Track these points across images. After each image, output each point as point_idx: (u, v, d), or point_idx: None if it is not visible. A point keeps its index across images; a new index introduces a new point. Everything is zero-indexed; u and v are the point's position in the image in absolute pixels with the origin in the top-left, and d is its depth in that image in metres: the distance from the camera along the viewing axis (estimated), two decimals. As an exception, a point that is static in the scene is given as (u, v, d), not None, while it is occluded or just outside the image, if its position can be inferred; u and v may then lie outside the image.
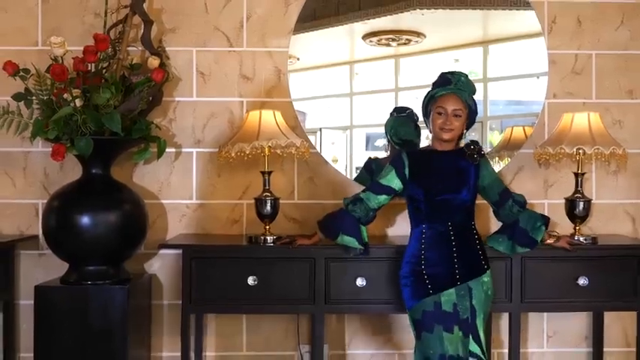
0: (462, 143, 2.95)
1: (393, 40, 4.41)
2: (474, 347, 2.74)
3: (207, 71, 3.56)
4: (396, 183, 2.87)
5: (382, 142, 4.24)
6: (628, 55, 3.64)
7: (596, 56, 3.65)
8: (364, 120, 4.38)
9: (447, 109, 2.81)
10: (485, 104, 4.13)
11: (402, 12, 4.26)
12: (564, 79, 3.64)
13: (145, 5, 3.38)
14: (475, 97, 2.93)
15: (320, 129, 4.04)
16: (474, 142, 2.90)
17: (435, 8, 4.15)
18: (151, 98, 3.30)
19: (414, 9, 4.22)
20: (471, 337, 2.75)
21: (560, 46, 3.64)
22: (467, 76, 2.89)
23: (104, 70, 3.28)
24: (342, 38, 4.18)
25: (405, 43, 4.42)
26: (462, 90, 2.83)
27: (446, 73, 2.91)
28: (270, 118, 3.16)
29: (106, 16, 3.40)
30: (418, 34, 4.43)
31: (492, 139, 3.94)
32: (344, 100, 4.30)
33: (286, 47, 3.59)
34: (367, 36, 4.33)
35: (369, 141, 4.50)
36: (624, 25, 3.64)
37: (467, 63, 4.32)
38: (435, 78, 2.98)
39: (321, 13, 3.81)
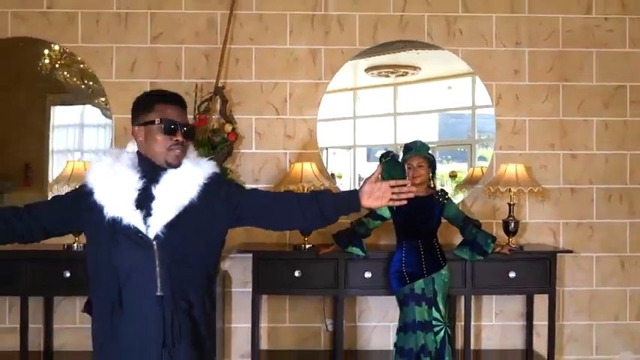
0: (435, 184, 4.58)
1: (392, 72, 5.52)
2: (435, 314, 4.34)
3: (262, 132, 5.20)
4: (387, 214, 4.49)
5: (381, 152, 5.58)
6: (550, 121, 5.26)
7: (529, 121, 5.27)
8: (366, 140, 5.53)
9: (413, 164, 4.41)
10: (473, 128, 5.41)
11: (399, 52, 5.42)
12: (507, 137, 5.27)
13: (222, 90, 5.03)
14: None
15: (327, 148, 5.33)
16: (442, 190, 4.53)
17: (429, 49, 5.33)
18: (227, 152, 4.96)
19: (410, 50, 5.41)
20: (433, 308, 4.34)
21: (503, 114, 5.27)
22: (422, 142, 4.46)
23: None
24: (347, 71, 5.31)
25: (402, 75, 5.53)
26: (420, 150, 4.43)
27: (408, 143, 4.46)
28: (308, 168, 4.79)
29: (195, 96, 5.01)
30: (414, 67, 5.52)
31: (485, 153, 5.37)
32: (348, 123, 5.46)
33: (315, 115, 5.21)
34: (369, 69, 5.45)
35: (370, 153, 5.68)
36: (548, 100, 5.27)
37: (458, 90, 5.49)
38: (430, 98, 4.90)
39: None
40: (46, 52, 5.31)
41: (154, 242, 2.27)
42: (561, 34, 5.28)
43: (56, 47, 5.27)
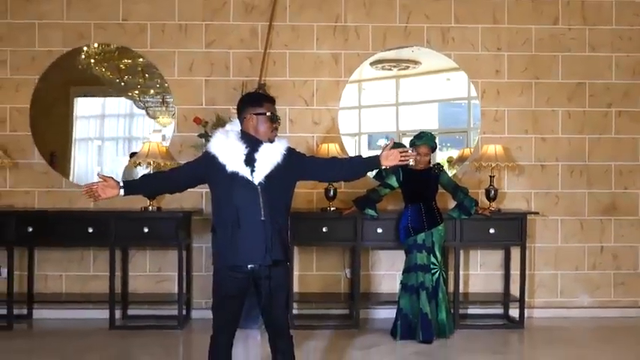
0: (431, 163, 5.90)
1: (395, 66, 6.59)
2: (432, 259, 5.64)
3: (295, 119, 6.48)
4: (394, 183, 5.79)
5: (383, 142, 6.54)
6: (525, 111, 6.55)
7: (507, 111, 6.55)
8: (370, 128, 6.58)
9: (421, 152, 5.70)
10: (469, 117, 6.54)
11: (402, 48, 6.55)
12: (490, 123, 6.55)
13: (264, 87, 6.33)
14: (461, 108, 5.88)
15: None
16: (437, 164, 5.84)
17: (429, 48, 6.48)
18: (267, 135, 6.23)
19: (412, 46, 6.54)
20: (431, 255, 5.64)
21: (487, 105, 6.55)
22: (432, 133, 5.77)
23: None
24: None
25: (404, 69, 6.63)
26: (429, 141, 5.72)
27: (420, 132, 5.75)
28: (333, 148, 6.09)
29: (242, 91, 6.24)
30: (415, 62, 6.60)
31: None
32: (353, 112, 6.52)
33: (337, 106, 6.49)
34: (373, 63, 6.51)
35: (371, 140, 6.75)
36: (523, 94, 6.56)
37: (456, 82, 6.53)
38: (430, 89, 6.07)
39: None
40: (85, 48, 6.46)
41: (258, 187, 3.57)
42: (534, 41, 6.56)
43: (95, 45, 6.45)
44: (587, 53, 6.57)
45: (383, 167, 3.87)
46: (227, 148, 3.64)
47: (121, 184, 3.69)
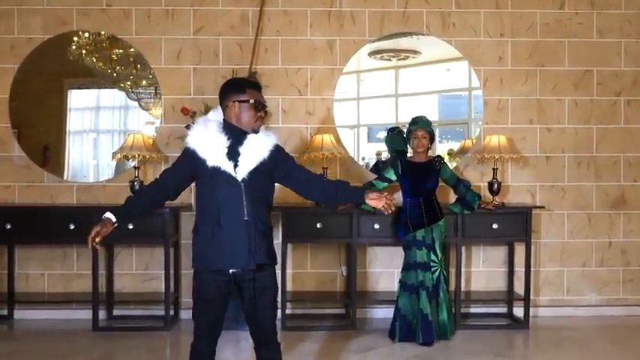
0: (430, 153, 5.60)
1: (394, 56, 6.32)
2: (432, 257, 5.35)
3: (288, 109, 6.18)
4: (392, 176, 5.50)
5: (383, 134, 6.29)
6: (529, 100, 6.25)
7: (511, 100, 6.26)
8: (369, 120, 6.31)
9: (419, 135, 5.43)
10: (470, 108, 6.28)
11: (400, 37, 6.27)
12: (493, 113, 6.25)
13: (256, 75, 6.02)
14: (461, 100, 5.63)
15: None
16: (438, 156, 5.54)
17: (428, 35, 6.19)
18: (259, 126, 5.94)
19: (411, 36, 6.29)
20: (431, 252, 5.37)
21: (490, 94, 6.25)
22: (426, 117, 5.47)
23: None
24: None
25: (403, 59, 6.38)
26: (425, 124, 5.44)
27: (415, 117, 5.48)
28: (327, 139, 5.79)
29: (232, 79, 5.99)
30: (415, 51, 6.34)
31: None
32: (352, 104, 6.27)
33: (332, 95, 6.19)
34: (372, 53, 6.24)
35: (370, 133, 6.45)
36: (527, 82, 6.25)
37: (456, 72, 6.28)
38: (429, 80, 5.86)
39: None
40: (75, 39, 6.16)
41: (242, 183, 3.26)
42: (539, 27, 6.25)
43: (85, 35, 6.14)
44: (595, 39, 6.27)
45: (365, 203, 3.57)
46: (207, 140, 3.33)
47: (113, 219, 3.39)
